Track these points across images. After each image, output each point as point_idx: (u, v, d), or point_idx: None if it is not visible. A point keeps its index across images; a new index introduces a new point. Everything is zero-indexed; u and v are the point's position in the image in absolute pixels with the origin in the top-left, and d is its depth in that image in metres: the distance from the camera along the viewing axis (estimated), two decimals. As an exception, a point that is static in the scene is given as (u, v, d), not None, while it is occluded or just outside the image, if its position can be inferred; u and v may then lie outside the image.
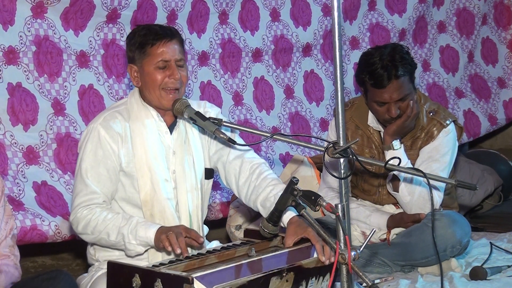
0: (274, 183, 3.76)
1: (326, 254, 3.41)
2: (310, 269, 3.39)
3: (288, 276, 3.30)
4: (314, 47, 6.04)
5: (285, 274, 3.29)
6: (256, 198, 3.78)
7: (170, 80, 3.74)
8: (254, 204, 3.81)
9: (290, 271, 3.31)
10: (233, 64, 5.65)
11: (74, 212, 3.70)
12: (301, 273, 3.36)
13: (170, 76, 3.73)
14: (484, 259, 4.68)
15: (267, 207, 3.70)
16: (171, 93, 3.75)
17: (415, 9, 6.45)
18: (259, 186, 3.78)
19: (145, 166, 3.75)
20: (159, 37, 3.73)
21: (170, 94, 3.75)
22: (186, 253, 3.42)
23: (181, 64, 3.78)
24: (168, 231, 3.50)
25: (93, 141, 3.74)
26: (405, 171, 4.03)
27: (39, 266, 5.13)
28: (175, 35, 3.79)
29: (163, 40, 3.73)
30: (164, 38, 3.74)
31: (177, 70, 3.74)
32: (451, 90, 6.72)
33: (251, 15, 5.71)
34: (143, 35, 3.76)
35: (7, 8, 4.53)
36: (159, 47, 3.73)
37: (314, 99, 6.03)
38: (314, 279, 3.42)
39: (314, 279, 3.41)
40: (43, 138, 4.67)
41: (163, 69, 3.74)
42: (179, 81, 3.75)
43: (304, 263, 3.38)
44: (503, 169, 6.18)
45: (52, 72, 4.76)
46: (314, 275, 3.41)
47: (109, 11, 4.87)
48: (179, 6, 5.20)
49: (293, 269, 3.32)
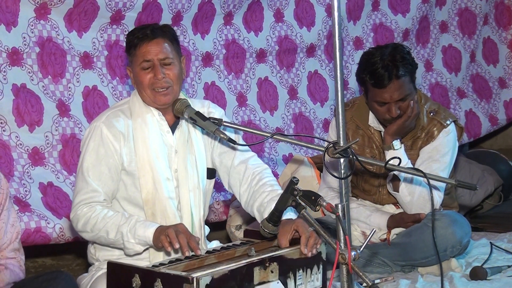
0: (269, 189, 3.78)
1: (308, 246, 3.40)
2: (294, 260, 3.39)
3: (272, 267, 3.30)
4: (318, 47, 6.04)
5: (268, 264, 3.29)
6: (253, 203, 3.80)
7: (155, 81, 3.74)
8: (251, 209, 3.83)
9: (273, 261, 3.31)
10: (237, 65, 5.65)
11: (74, 209, 3.71)
12: (285, 264, 3.36)
13: (154, 76, 3.73)
14: (484, 259, 4.69)
15: (261, 212, 3.72)
16: (161, 92, 3.75)
17: (418, 9, 6.45)
18: (257, 192, 3.79)
19: (147, 165, 3.76)
20: (142, 37, 3.74)
21: (160, 93, 3.75)
22: (185, 248, 3.41)
23: (168, 62, 3.75)
24: (167, 230, 3.50)
25: (96, 139, 3.75)
26: (405, 171, 4.04)
27: (39, 266, 5.12)
28: (162, 33, 3.77)
29: (145, 40, 3.73)
30: (147, 37, 3.73)
31: (160, 69, 3.72)
32: (454, 90, 6.72)
33: (255, 16, 5.72)
34: (132, 37, 3.78)
35: (10, 9, 4.53)
36: (142, 47, 3.73)
37: (319, 100, 6.03)
38: (302, 271, 3.41)
39: (301, 272, 3.41)
40: (49, 139, 4.67)
41: (147, 69, 3.74)
42: (165, 80, 3.74)
43: (286, 253, 3.38)
44: (503, 169, 6.17)
45: (56, 73, 4.76)
46: (300, 267, 3.40)
47: (113, 13, 4.86)
48: (185, 7, 5.19)
49: (275, 259, 3.32)
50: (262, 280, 3.28)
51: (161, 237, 3.49)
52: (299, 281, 3.40)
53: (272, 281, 3.31)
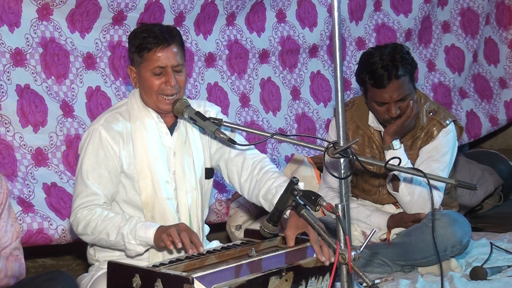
0: (275, 176, 3.76)
1: (325, 255, 3.40)
2: (309, 269, 3.39)
3: (288, 276, 3.30)
4: (321, 48, 6.04)
5: (284, 274, 3.29)
6: (258, 192, 3.77)
7: (166, 87, 3.72)
8: (256, 198, 3.80)
9: (290, 270, 3.31)
10: (240, 66, 5.65)
11: (74, 213, 3.70)
12: (301, 272, 3.36)
13: (166, 83, 3.71)
14: (484, 259, 4.68)
15: (269, 200, 3.70)
16: (167, 100, 3.74)
17: (420, 9, 6.44)
18: (261, 181, 3.77)
19: (146, 167, 3.76)
20: (157, 42, 3.69)
21: (167, 100, 3.74)
22: (188, 247, 3.41)
23: (179, 69, 3.74)
24: (168, 229, 3.50)
25: (95, 142, 3.74)
26: (405, 171, 4.04)
27: (39, 266, 5.12)
28: (174, 38, 3.74)
29: (161, 45, 3.69)
30: (162, 43, 3.69)
31: (173, 76, 3.71)
32: (456, 90, 6.71)
33: (257, 17, 5.72)
34: (142, 37, 3.72)
35: (13, 10, 4.54)
36: (156, 52, 3.69)
37: (321, 100, 6.03)
38: (314, 278, 3.42)
39: (314, 279, 3.41)
40: (53, 139, 4.68)
41: (159, 75, 3.71)
42: (176, 87, 3.73)
43: (303, 262, 3.38)
44: (503, 169, 6.16)
45: (59, 74, 4.77)
46: (313, 275, 3.41)
47: (115, 13, 4.87)
48: (188, 8, 5.20)
49: (292, 269, 3.32)
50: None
51: (163, 236, 3.49)
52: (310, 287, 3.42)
53: (284, 289, 3.33)
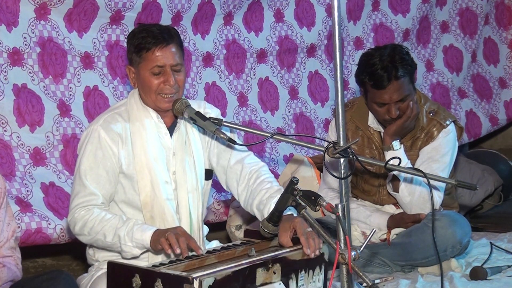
0: (268, 186, 3.76)
1: (310, 247, 3.39)
2: (296, 261, 3.39)
3: (275, 268, 3.31)
4: (319, 47, 6.04)
5: (270, 266, 3.29)
6: (252, 202, 3.79)
7: (165, 86, 3.72)
8: (251, 208, 3.82)
9: (276, 262, 3.31)
10: (237, 65, 5.65)
11: (71, 213, 3.70)
12: (288, 265, 3.36)
13: (165, 82, 3.71)
14: (484, 259, 4.69)
15: (261, 210, 3.71)
16: (166, 99, 3.74)
17: (418, 9, 6.45)
18: (255, 191, 3.78)
19: (145, 168, 3.75)
20: (155, 41, 3.69)
21: (166, 98, 3.74)
22: (186, 253, 3.41)
23: (178, 68, 3.74)
24: (165, 233, 3.49)
25: (93, 143, 3.73)
26: (405, 171, 4.04)
27: (39, 266, 5.11)
28: (173, 38, 3.74)
29: (159, 45, 3.69)
30: (161, 43, 3.69)
31: (172, 76, 3.71)
32: (455, 90, 6.71)
33: (255, 16, 5.72)
34: (141, 37, 3.72)
35: (11, 10, 4.53)
36: (155, 52, 3.69)
37: (319, 100, 6.03)
38: (304, 272, 3.41)
39: (303, 273, 3.41)
40: (50, 139, 4.67)
41: (158, 75, 3.71)
42: (175, 86, 3.72)
43: (289, 255, 3.38)
44: (503, 169, 6.17)
45: (57, 74, 4.75)
46: (302, 268, 3.41)
47: (113, 13, 4.86)
48: (185, 7, 5.19)
49: (278, 261, 3.32)
50: (265, 281, 3.29)
51: (161, 239, 3.47)
52: (300, 282, 3.41)
53: (275, 282, 3.31)
